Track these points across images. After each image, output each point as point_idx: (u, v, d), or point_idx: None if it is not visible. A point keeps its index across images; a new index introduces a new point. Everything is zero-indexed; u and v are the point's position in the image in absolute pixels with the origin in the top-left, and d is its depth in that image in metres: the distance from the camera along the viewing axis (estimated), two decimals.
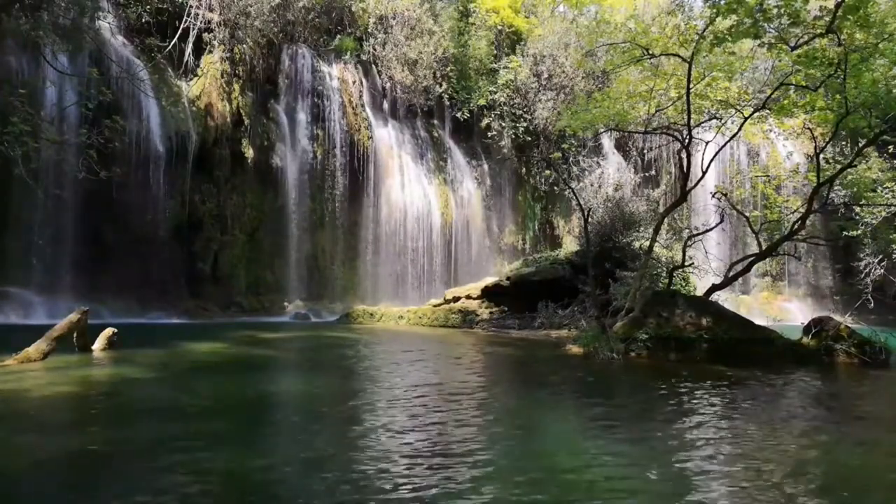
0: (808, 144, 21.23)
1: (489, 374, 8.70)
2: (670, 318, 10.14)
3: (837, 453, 4.64)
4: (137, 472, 3.81)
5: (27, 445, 4.38)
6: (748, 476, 3.91)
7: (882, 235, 17.28)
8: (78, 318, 8.51)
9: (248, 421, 5.31)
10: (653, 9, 20.91)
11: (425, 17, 24.38)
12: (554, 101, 25.21)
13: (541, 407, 6.21)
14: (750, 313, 19.97)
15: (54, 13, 13.37)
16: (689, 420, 5.54)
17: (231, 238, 19.62)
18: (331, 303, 20.98)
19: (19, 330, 11.34)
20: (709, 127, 13.73)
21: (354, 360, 9.91)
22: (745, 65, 12.86)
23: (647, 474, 3.95)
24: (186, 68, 19.52)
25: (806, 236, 13.87)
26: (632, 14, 14.63)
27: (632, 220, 17.08)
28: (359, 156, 22.28)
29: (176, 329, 14.09)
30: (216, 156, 19.42)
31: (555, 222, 27.14)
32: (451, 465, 3.98)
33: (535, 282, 16.96)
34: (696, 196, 22.51)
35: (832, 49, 10.40)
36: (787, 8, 10.10)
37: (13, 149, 11.53)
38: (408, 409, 5.85)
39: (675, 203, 14.32)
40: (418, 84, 23.79)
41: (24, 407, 5.58)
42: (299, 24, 22.16)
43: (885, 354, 9.61)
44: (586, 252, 13.35)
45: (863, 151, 12.83)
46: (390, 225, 22.69)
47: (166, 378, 7.46)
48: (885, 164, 19.04)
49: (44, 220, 15.97)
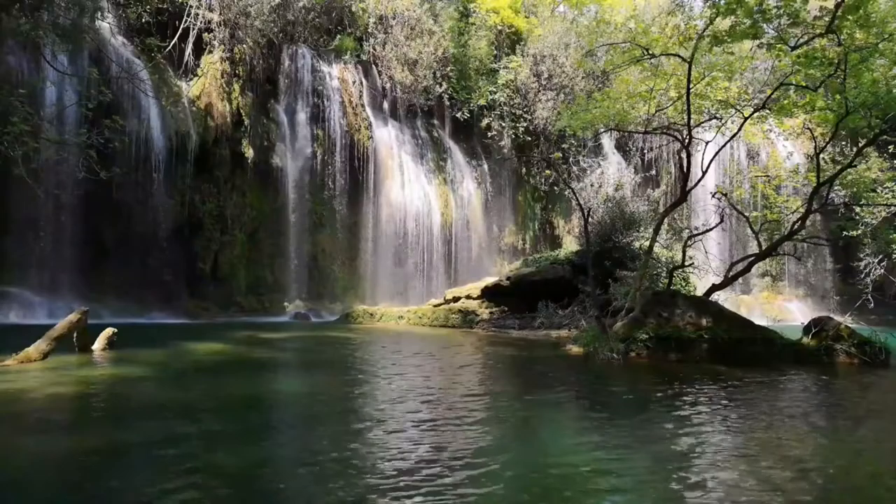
0: (808, 144, 21.26)
1: (489, 375, 8.70)
2: (670, 318, 10.14)
3: (838, 454, 4.64)
4: (138, 472, 3.80)
5: (27, 445, 4.38)
6: (749, 477, 3.91)
7: (882, 235, 17.26)
8: (78, 318, 8.51)
9: (248, 421, 5.31)
10: (653, 9, 20.91)
11: (425, 17, 24.38)
12: (554, 101, 25.22)
13: (541, 407, 6.21)
14: (750, 313, 20.00)
15: (54, 13, 13.36)
16: (689, 420, 5.54)
17: (231, 238, 19.62)
18: (331, 303, 20.99)
19: (19, 330, 11.34)
20: (709, 127, 13.73)
21: (354, 361, 9.92)
22: (744, 65, 12.85)
23: (647, 475, 3.95)
24: (186, 68, 19.53)
25: (806, 236, 13.87)
26: (632, 14, 14.64)
27: (632, 220, 17.08)
28: (359, 156, 22.28)
29: (176, 329, 14.08)
30: (216, 156, 19.43)
31: (555, 222, 27.15)
32: (450, 465, 3.98)
33: (535, 282, 16.97)
34: (696, 196, 22.53)
35: (832, 49, 10.40)
36: (786, 8, 10.11)
37: (13, 149, 11.53)
38: (408, 409, 5.85)
39: (675, 203, 14.32)
40: (418, 84, 23.80)
41: (24, 407, 5.58)
42: (299, 24, 22.16)
43: (885, 354, 9.61)
44: (586, 252, 13.35)
45: (863, 151, 12.83)
46: (390, 225, 22.68)
47: (166, 378, 7.46)
48: (885, 164, 19.03)
49: (44, 220, 15.97)
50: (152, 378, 7.32)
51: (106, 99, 14.27)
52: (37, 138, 12.51)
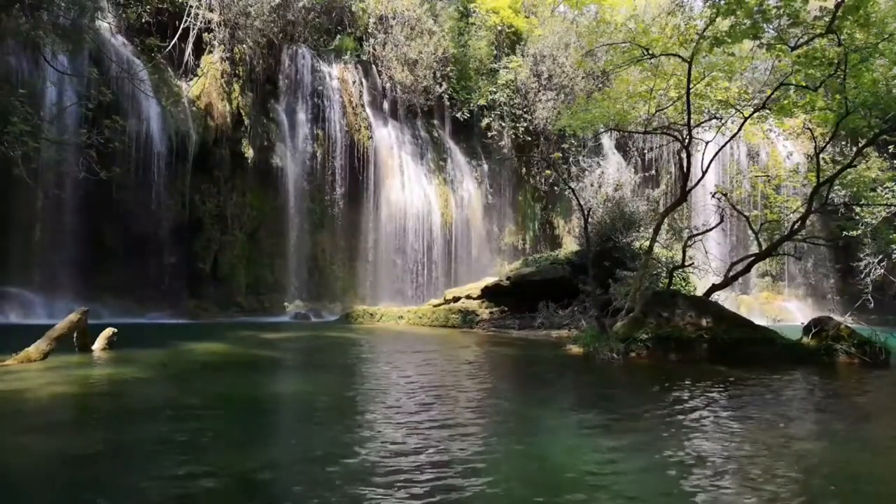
0: (808, 144, 21.25)
1: (489, 375, 8.69)
2: (670, 318, 10.14)
3: (839, 454, 4.64)
4: (138, 472, 3.80)
5: (27, 445, 4.38)
6: (750, 477, 3.91)
7: (882, 235, 17.28)
8: (78, 318, 8.51)
9: (249, 421, 5.31)
10: (653, 9, 20.89)
11: (425, 17, 24.38)
12: (554, 101, 25.21)
13: (540, 407, 6.21)
14: (750, 313, 20.00)
15: (54, 13, 13.35)
16: (689, 421, 5.54)
17: (231, 238, 19.63)
18: (331, 303, 21.00)
19: (19, 330, 11.34)
20: (709, 127, 13.73)
21: (354, 361, 9.92)
22: (744, 65, 12.86)
23: (647, 475, 3.95)
24: (186, 68, 19.53)
25: (806, 236, 13.87)
26: (632, 14, 14.64)
27: (632, 220, 17.08)
28: (359, 156, 22.28)
29: (176, 329, 14.08)
30: (216, 156, 19.44)
31: (555, 222, 27.15)
32: (450, 465, 3.98)
33: (535, 282, 16.96)
34: (696, 196, 22.52)
35: (832, 49, 10.40)
36: (786, 8, 10.11)
37: (13, 149, 11.53)
38: (408, 409, 5.84)
39: (675, 203, 14.33)
40: (418, 84, 23.79)
41: (24, 407, 5.58)
42: (299, 24, 22.16)
43: (885, 354, 9.60)
44: (586, 252, 13.35)
45: (863, 151, 12.84)
46: (390, 225, 22.69)
47: (166, 378, 7.46)
48: (884, 164, 19.06)
49: (44, 220, 15.98)
50: (152, 378, 7.31)
51: (106, 99, 14.28)
52: (37, 138, 12.50)
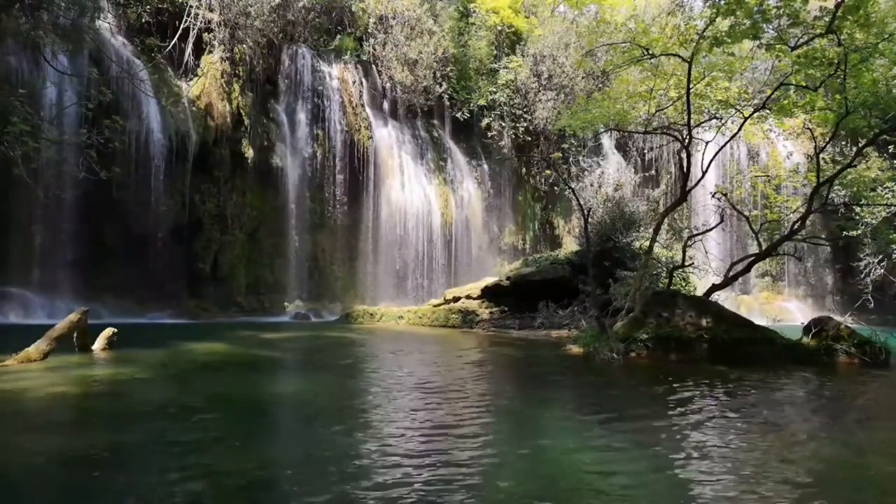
0: (808, 144, 21.27)
1: (489, 375, 8.69)
2: (670, 318, 10.14)
3: (839, 454, 4.64)
4: (138, 473, 3.80)
5: (27, 445, 4.37)
6: (750, 477, 3.91)
7: (882, 235, 17.29)
8: (78, 318, 8.52)
9: (249, 421, 5.31)
10: (653, 9, 20.90)
11: (425, 17, 24.39)
12: (554, 101, 25.22)
13: (540, 407, 6.21)
14: (750, 313, 19.99)
15: (54, 13, 13.36)
16: (689, 421, 5.54)
17: (231, 238, 19.63)
18: (331, 303, 21.00)
19: (19, 330, 11.34)
20: (709, 127, 13.73)
21: (354, 361, 9.92)
22: (744, 65, 12.86)
23: (647, 475, 3.95)
24: (186, 68, 19.53)
25: (806, 236, 13.87)
26: (632, 14, 14.65)
27: (632, 220, 17.08)
28: (359, 156, 22.29)
29: (176, 329, 14.08)
30: (216, 156, 19.44)
31: (555, 222, 27.15)
32: (450, 465, 3.98)
33: (535, 282, 16.97)
34: (696, 196, 22.54)
35: (832, 49, 10.40)
36: (786, 8, 10.10)
37: (13, 149, 11.53)
38: (408, 409, 5.85)
39: (675, 203, 14.33)
40: (418, 84, 23.80)
41: (24, 407, 5.58)
42: (299, 24, 22.16)
43: (885, 354, 9.60)
44: (586, 252, 13.35)
45: (863, 151, 12.84)
46: (390, 225, 22.69)
47: (166, 378, 7.46)
48: (884, 164, 19.07)
49: (44, 219, 15.98)
50: (152, 378, 7.31)
51: (106, 99, 14.28)
52: (37, 138, 12.50)
